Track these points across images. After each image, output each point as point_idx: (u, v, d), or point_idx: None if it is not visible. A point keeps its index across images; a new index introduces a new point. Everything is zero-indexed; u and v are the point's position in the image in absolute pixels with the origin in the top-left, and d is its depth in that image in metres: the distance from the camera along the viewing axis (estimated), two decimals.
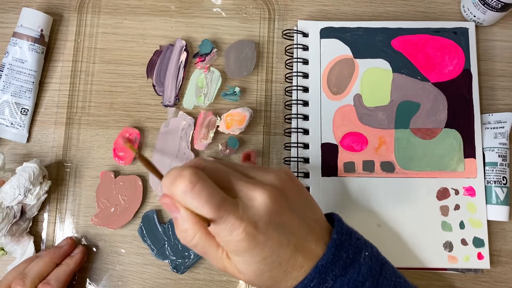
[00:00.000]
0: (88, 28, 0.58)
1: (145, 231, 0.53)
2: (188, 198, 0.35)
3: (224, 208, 0.35)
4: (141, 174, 0.55)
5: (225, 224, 0.35)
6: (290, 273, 0.37)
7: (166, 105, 0.56)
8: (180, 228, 0.37)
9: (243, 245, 0.35)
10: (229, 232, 0.35)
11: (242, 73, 0.57)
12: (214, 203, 0.35)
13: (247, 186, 0.37)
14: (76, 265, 0.50)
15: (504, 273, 0.54)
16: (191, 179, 0.35)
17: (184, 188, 0.35)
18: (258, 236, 0.36)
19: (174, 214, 0.37)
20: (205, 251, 0.38)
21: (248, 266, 0.37)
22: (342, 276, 0.37)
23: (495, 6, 0.54)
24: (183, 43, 0.57)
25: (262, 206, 0.36)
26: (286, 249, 0.37)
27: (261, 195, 0.37)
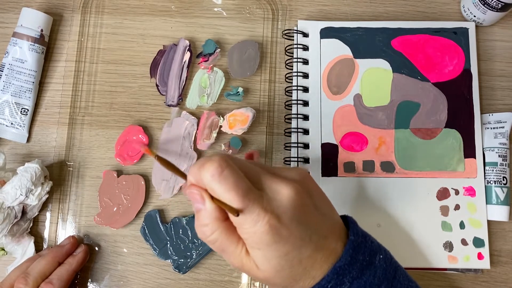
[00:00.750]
0: (91, 29, 0.58)
1: (147, 230, 0.53)
2: (216, 182, 0.34)
3: (249, 196, 0.35)
4: (144, 174, 0.55)
5: (250, 214, 0.35)
6: (309, 272, 0.37)
7: (169, 104, 0.56)
8: (201, 222, 0.36)
9: (266, 237, 0.35)
10: (253, 223, 0.35)
11: (245, 73, 0.57)
12: (240, 190, 0.34)
13: (272, 179, 0.37)
14: (79, 264, 0.50)
15: (504, 273, 0.54)
16: (220, 163, 0.35)
17: (213, 171, 0.34)
18: (281, 229, 0.35)
19: (197, 205, 0.36)
20: (223, 247, 0.37)
21: (269, 261, 0.36)
22: (358, 279, 0.37)
23: (495, 6, 0.54)
24: (186, 43, 0.57)
25: (287, 200, 0.36)
26: (307, 246, 0.36)
27: (287, 189, 0.36)
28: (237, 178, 0.35)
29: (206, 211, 0.36)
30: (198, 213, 0.37)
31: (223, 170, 0.34)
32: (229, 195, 0.34)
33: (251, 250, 0.36)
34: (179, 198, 0.55)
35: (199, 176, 0.36)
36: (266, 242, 0.35)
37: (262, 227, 0.35)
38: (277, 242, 0.35)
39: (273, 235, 0.35)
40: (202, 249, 0.52)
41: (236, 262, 0.38)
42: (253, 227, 0.35)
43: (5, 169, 0.52)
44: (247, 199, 0.34)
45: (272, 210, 0.35)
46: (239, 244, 0.37)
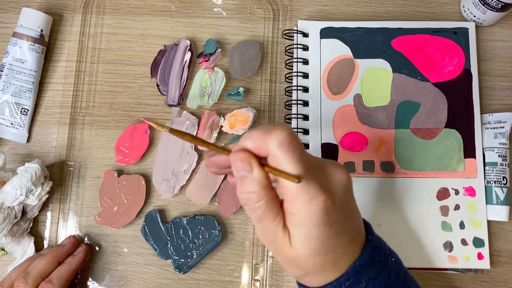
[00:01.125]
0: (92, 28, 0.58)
1: (148, 230, 0.53)
2: (283, 151, 0.33)
3: (311, 171, 0.34)
4: (144, 174, 0.55)
5: (307, 189, 0.33)
6: (338, 263, 0.37)
7: (170, 104, 0.56)
8: (247, 189, 0.35)
9: (317, 217, 0.34)
10: (308, 198, 0.34)
11: (246, 73, 0.57)
12: (304, 163, 0.34)
13: (328, 163, 0.37)
14: (79, 264, 0.50)
15: (504, 273, 0.54)
16: (290, 132, 0.34)
17: (283, 139, 0.33)
18: (332, 212, 0.34)
19: (243, 173, 0.35)
20: (263, 216, 0.35)
21: (309, 242, 0.35)
22: (374, 279, 0.37)
23: (495, 6, 0.54)
24: (187, 42, 0.56)
25: (342, 185, 0.36)
26: (346, 235, 0.36)
27: (344, 176, 0.36)
28: (303, 151, 0.34)
29: (253, 178, 0.35)
30: (242, 181, 0.35)
31: (291, 140, 0.34)
32: (292, 166, 0.33)
33: (293, 227, 0.35)
34: (180, 198, 0.55)
35: (262, 142, 0.34)
36: (315, 222, 0.34)
37: (317, 205, 0.34)
38: (325, 224, 0.34)
39: (324, 215, 0.34)
40: (203, 249, 0.52)
41: (269, 234, 0.36)
42: (307, 203, 0.34)
43: (5, 169, 0.52)
44: (308, 173, 0.34)
45: (329, 191, 0.35)
46: (277, 216, 0.35)
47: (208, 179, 0.54)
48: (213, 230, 0.53)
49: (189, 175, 0.54)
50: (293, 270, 0.38)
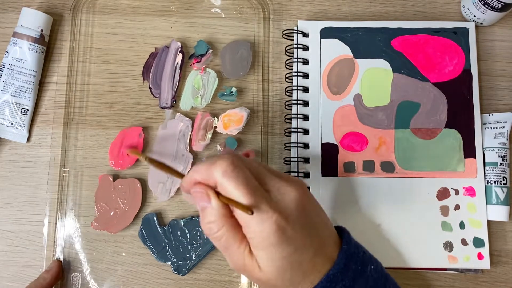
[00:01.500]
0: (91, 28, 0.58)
1: (145, 234, 0.53)
2: (227, 178, 0.35)
3: (258, 195, 0.35)
4: (140, 177, 0.54)
5: (258, 213, 0.35)
6: (308, 276, 0.37)
7: (163, 107, 0.56)
8: (207, 220, 0.37)
9: (273, 237, 0.35)
10: (261, 221, 0.35)
11: (238, 73, 0.57)
12: (250, 188, 0.35)
13: (278, 181, 0.38)
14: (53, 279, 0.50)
15: (504, 273, 0.54)
16: (232, 161, 0.36)
17: (226, 168, 0.35)
18: (287, 230, 0.36)
19: (203, 204, 0.37)
20: (227, 245, 0.37)
21: (272, 262, 0.36)
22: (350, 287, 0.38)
23: (495, 6, 0.54)
24: (178, 44, 0.56)
25: (293, 202, 0.37)
26: (308, 249, 0.37)
27: (293, 191, 0.37)
28: (248, 176, 0.36)
29: (212, 208, 0.36)
30: (203, 211, 0.37)
31: (235, 168, 0.35)
32: (239, 192, 0.35)
33: (255, 250, 0.37)
34: (176, 200, 0.54)
35: (208, 173, 0.36)
36: (272, 242, 0.35)
37: (270, 226, 0.35)
38: (283, 243, 0.35)
39: (279, 235, 0.35)
40: (201, 250, 0.52)
41: (238, 261, 0.38)
42: (260, 226, 0.35)
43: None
44: (256, 197, 0.35)
45: (280, 210, 0.36)
46: (242, 243, 0.37)
47: None
48: None
49: None
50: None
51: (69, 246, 0.53)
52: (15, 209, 0.54)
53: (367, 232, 0.53)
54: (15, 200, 0.55)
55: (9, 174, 0.55)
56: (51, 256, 0.53)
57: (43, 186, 0.55)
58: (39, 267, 0.53)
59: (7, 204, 0.55)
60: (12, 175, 0.55)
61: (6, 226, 0.54)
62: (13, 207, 0.54)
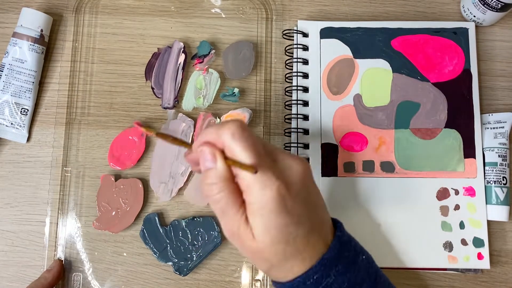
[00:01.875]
0: (91, 29, 0.58)
1: (147, 234, 0.53)
2: (236, 140, 0.35)
3: (264, 160, 0.36)
4: (142, 177, 0.55)
5: (261, 177, 0.35)
6: (301, 253, 0.37)
7: (165, 107, 0.56)
8: (209, 181, 0.37)
9: (272, 203, 0.35)
10: (263, 185, 0.35)
11: (241, 73, 0.57)
12: (257, 151, 0.35)
13: (284, 154, 0.38)
14: (54, 278, 0.51)
15: (504, 273, 0.54)
16: (241, 124, 0.36)
17: (235, 130, 0.35)
18: (287, 199, 0.36)
19: (207, 164, 0.37)
20: (225, 209, 0.37)
21: (267, 231, 0.36)
22: (343, 275, 0.38)
23: (495, 6, 0.54)
24: (181, 45, 0.56)
25: (297, 175, 0.37)
26: (304, 225, 0.37)
27: (298, 165, 0.38)
28: (255, 140, 0.36)
29: (216, 170, 0.36)
30: (206, 172, 0.37)
31: (243, 130, 0.36)
32: (246, 154, 0.35)
33: (252, 217, 0.36)
34: (178, 201, 0.54)
35: (217, 135, 0.36)
36: (271, 209, 0.35)
37: (271, 192, 0.35)
38: (281, 211, 0.36)
39: (279, 202, 0.35)
40: (202, 250, 0.52)
41: (233, 227, 0.37)
42: (262, 190, 0.35)
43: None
44: (262, 162, 0.35)
45: (283, 179, 0.36)
46: (240, 208, 0.37)
47: None
48: (212, 232, 0.53)
49: (186, 177, 0.54)
50: (260, 263, 0.39)
51: (70, 246, 0.53)
52: (15, 209, 0.54)
53: (367, 232, 0.53)
54: (15, 200, 0.55)
55: (9, 174, 0.55)
56: (52, 255, 0.53)
57: (43, 186, 0.55)
58: (39, 267, 0.53)
59: (7, 204, 0.55)
60: (12, 175, 0.55)
61: (6, 226, 0.54)
62: (13, 207, 0.54)
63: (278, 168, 0.37)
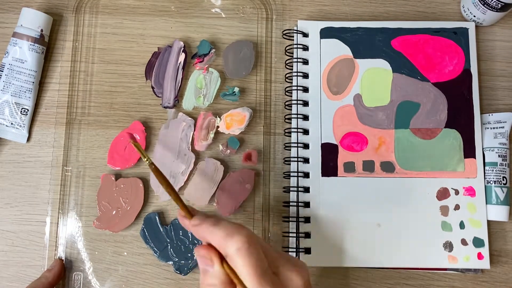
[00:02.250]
0: (91, 29, 0.58)
1: (147, 233, 0.53)
2: (240, 255, 0.35)
3: (265, 278, 0.35)
4: (142, 176, 0.55)
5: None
6: None
7: (166, 106, 0.56)
8: (208, 282, 0.37)
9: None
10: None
11: (241, 73, 0.57)
12: (259, 269, 0.35)
13: (286, 265, 0.38)
14: (55, 278, 0.50)
15: (504, 273, 0.54)
16: (249, 238, 0.36)
17: (241, 244, 0.35)
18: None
19: (205, 267, 0.37)
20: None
21: None
22: None
23: (495, 6, 0.54)
24: (181, 44, 0.56)
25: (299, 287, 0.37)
26: None
27: (299, 279, 0.38)
28: (260, 257, 0.36)
29: (214, 273, 0.37)
30: (205, 273, 0.38)
31: (250, 246, 0.35)
32: (247, 270, 0.35)
33: None
34: None
35: (223, 243, 0.36)
36: None
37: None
38: None
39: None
40: None
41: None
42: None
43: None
44: (263, 281, 0.35)
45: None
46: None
47: (206, 180, 0.54)
48: None
49: (187, 176, 0.54)
50: None
51: (71, 245, 0.53)
52: (15, 209, 0.54)
53: (367, 232, 0.53)
54: (15, 200, 0.55)
55: (9, 174, 0.55)
56: (52, 255, 0.53)
57: (43, 186, 0.55)
58: (39, 267, 0.53)
59: (7, 204, 0.55)
60: (12, 175, 0.55)
61: (6, 226, 0.54)
62: (13, 207, 0.54)
63: (280, 283, 0.37)
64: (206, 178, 0.54)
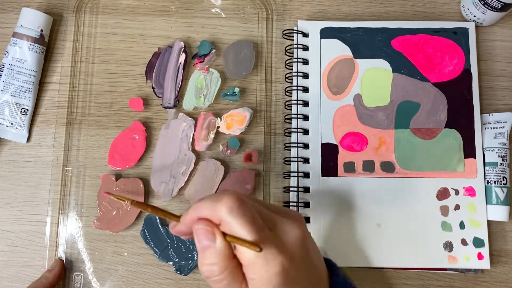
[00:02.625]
0: (91, 29, 0.58)
1: (147, 233, 0.53)
2: (234, 216, 0.33)
3: (264, 234, 0.34)
4: (142, 177, 0.55)
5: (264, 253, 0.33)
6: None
7: (166, 106, 0.56)
8: (208, 261, 0.34)
9: (276, 280, 0.34)
10: (265, 262, 0.33)
11: (241, 73, 0.57)
12: (257, 225, 0.34)
13: (280, 218, 0.37)
14: (56, 278, 0.50)
15: (504, 273, 0.54)
16: (238, 197, 0.34)
17: (232, 204, 0.34)
18: (290, 271, 0.34)
19: (205, 243, 0.35)
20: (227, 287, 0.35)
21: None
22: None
23: (495, 6, 0.54)
24: (181, 44, 0.56)
25: (296, 240, 0.36)
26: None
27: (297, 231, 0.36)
28: (254, 214, 0.34)
29: (215, 248, 0.34)
30: (204, 251, 0.35)
31: (241, 204, 0.34)
32: (245, 230, 0.33)
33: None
34: (179, 200, 0.54)
35: (212, 210, 0.34)
36: (274, 284, 0.34)
37: (274, 267, 0.34)
38: (285, 284, 0.34)
39: (283, 276, 0.34)
40: None
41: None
42: (265, 267, 0.34)
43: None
44: (262, 236, 0.33)
45: (285, 251, 0.35)
46: (242, 284, 0.35)
47: (206, 181, 0.54)
48: None
49: (187, 176, 0.54)
50: None
51: (71, 245, 0.53)
52: (15, 209, 0.54)
53: (367, 232, 0.53)
54: (15, 200, 0.55)
55: (9, 174, 0.55)
56: (53, 255, 0.53)
57: (43, 186, 0.55)
58: (39, 267, 0.53)
59: (7, 204, 0.55)
60: (12, 175, 0.55)
61: (6, 226, 0.54)
62: (13, 207, 0.54)
63: (278, 238, 0.35)
64: (207, 178, 0.54)
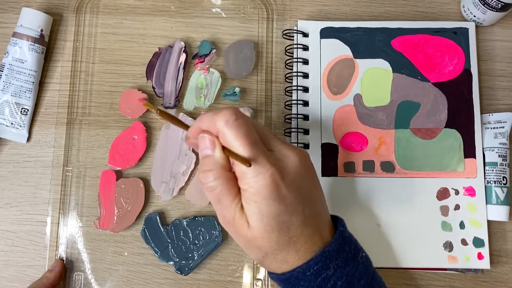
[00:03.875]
0: (91, 29, 0.58)
1: (148, 233, 0.53)
2: (229, 127, 0.36)
3: (258, 147, 0.36)
4: (143, 176, 0.55)
5: (255, 164, 0.36)
6: (295, 243, 0.38)
7: (167, 106, 0.56)
8: (206, 167, 0.37)
9: (266, 191, 0.36)
10: (256, 173, 0.36)
11: (242, 73, 0.57)
12: (251, 139, 0.36)
13: (281, 144, 0.39)
14: (56, 279, 0.50)
15: (504, 273, 0.54)
16: (235, 112, 0.36)
17: (228, 117, 0.36)
18: (281, 188, 0.36)
19: (206, 151, 0.38)
20: (220, 197, 0.37)
21: (261, 218, 0.36)
22: (342, 268, 0.38)
23: (495, 6, 0.55)
24: (182, 44, 0.56)
25: (292, 164, 0.38)
26: (298, 216, 0.37)
27: (294, 155, 0.38)
28: (249, 128, 0.37)
29: (213, 157, 0.37)
30: (204, 159, 0.38)
31: (237, 118, 0.36)
32: (239, 142, 0.36)
33: (246, 204, 0.37)
34: (179, 200, 0.54)
35: (212, 122, 0.37)
36: (264, 195, 0.36)
37: (265, 179, 0.36)
38: (275, 199, 0.36)
39: (272, 189, 0.36)
40: (204, 250, 0.52)
41: (228, 215, 0.38)
42: (256, 177, 0.36)
43: None
44: (255, 149, 0.36)
45: (278, 167, 0.37)
46: (236, 197, 0.37)
47: None
48: (214, 231, 0.53)
49: (187, 176, 0.54)
50: (253, 252, 0.39)
51: (72, 245, 0.53)
52: (15, 209, 0.54)
53: (367, 232, 0.53)
54: (15, 200, 0.55)
55: (9, 174, 0.55)
56: (53, 255, 0.53)
57: (43, 186, 0.55)
58: (39, 267, 0.53)
59: (7, 204, 0.55)
60: (12, 175, 0.55)
61: (6, 226, 0.54)
62: (13, 207, 0.54)
63: (274, 156, 0.38)
64: None
